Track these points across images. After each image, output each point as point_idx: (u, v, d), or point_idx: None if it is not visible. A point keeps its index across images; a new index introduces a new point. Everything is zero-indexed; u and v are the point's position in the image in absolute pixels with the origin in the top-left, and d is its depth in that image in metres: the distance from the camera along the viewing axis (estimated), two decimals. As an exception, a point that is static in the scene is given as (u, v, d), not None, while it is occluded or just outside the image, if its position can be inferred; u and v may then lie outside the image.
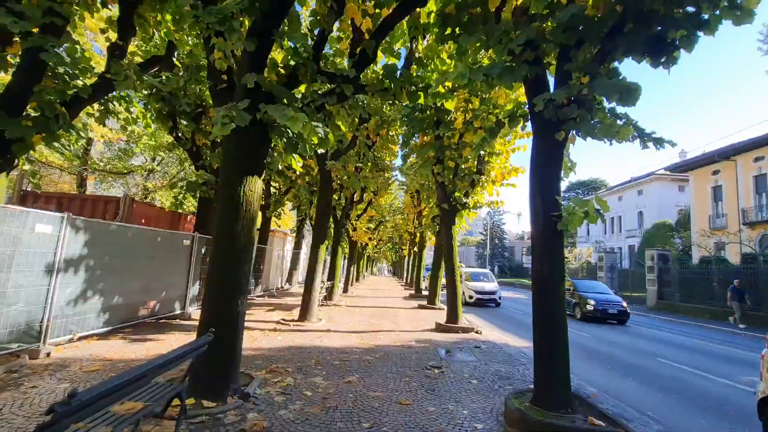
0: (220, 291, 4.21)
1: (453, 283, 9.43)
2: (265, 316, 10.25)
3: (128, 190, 28.27)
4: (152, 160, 28.30)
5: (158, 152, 25.41)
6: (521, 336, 9.84)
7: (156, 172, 28.32)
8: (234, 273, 4.23)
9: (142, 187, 28.25)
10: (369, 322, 10.18)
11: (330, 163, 9.18)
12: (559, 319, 3.89)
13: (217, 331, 4.12)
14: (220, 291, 4.21)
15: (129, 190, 28.26)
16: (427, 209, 19.73)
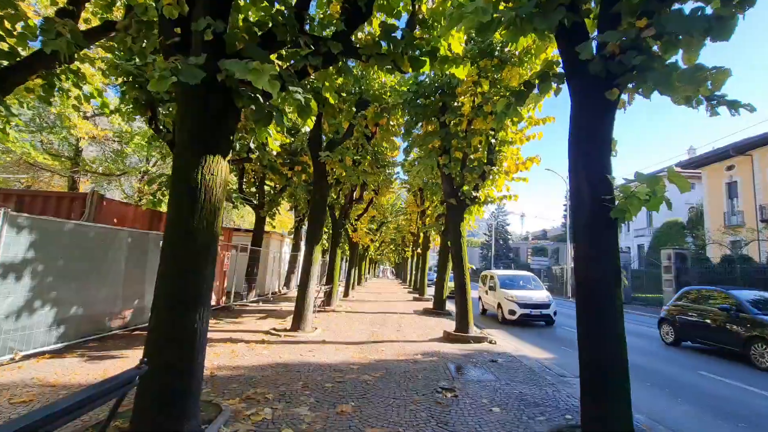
0: (172, 303, 3.26)
1: (462, 287, 8.45)
2: (255, 324, 9.30)
3: (122, 193, 27.52)
4: (146, 161, 27.55)
5: (151, 153, 24.65)
6: (539, 345, 8.83)
7: (151, 173, 27.56)
8: (189, 279, 3.29)
9: (137, 189, 27.51)
10: (369, 331, 9.21)
11: (324, 155, 8.25)
12: (617, 336, 2.93)
13: (167, 356, 3.19)
14: (172, 303, 3.26)
15: (123, 192, 27.52)
16: (431, 208, 18.78)
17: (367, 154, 10.18)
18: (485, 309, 14.57)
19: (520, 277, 14.10)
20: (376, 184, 16.77)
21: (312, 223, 8.97)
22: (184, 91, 3.37)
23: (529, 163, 8.29)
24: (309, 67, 3.90)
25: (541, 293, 12.65)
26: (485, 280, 14.85)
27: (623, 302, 3.10)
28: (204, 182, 3.35)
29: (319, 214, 8.95)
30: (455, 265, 8.60)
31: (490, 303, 13.70)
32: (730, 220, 28.15)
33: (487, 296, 14.20)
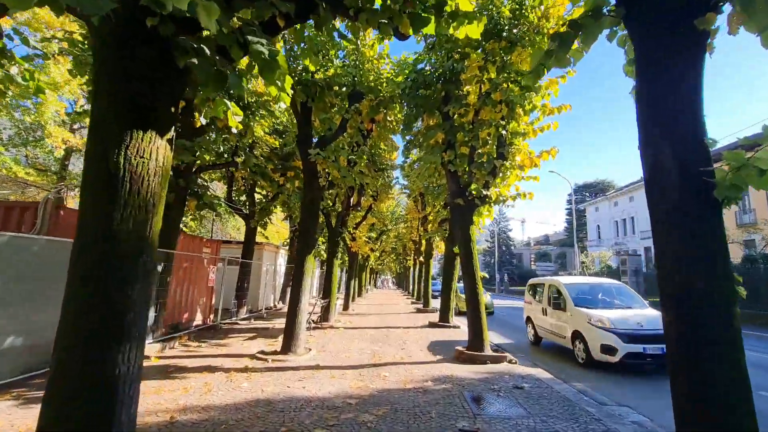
0: (80, 340, 2.27)
1: (475, 298, 7.44)
2: (241, 347, 8.25)
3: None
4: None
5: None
6: (567, 364, 7.79)
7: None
8: (109, 304, 2.31)
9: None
10: (371, 351, 8.17)
11: (314, 153, 7.31)
12: (739, 382, 1.93)
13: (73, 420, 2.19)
14: (80, 340, 2.27)
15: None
16: (432, 213, 17.82)
17: (363, 154, 9.26)
18: (539, 336, 9.75)
19: (604, 287, 8.93)
20: (375, 189, 15.87)
21: (303, 229, 8.00)
22: (98, 36, 2.44)
23: (545, 156, 7.36)
24: (279, 18, 2.98)
25: (649, 312, 7.65)
26: (539, 291, 9.91)
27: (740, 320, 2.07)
28: (129, 167, 2.39)
29: (310, 219, 7.99)
30: (465, 273, 7.61)
31: (553, 329, 8.73)
32: (741, 218, 27.21)
33: (544, 317, 9.25)
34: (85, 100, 14.18)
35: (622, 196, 51.65)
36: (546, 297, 9.29)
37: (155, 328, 7.67)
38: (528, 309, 10.45)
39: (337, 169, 7.75)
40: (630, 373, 6.87)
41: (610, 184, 64.46)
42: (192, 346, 8.26)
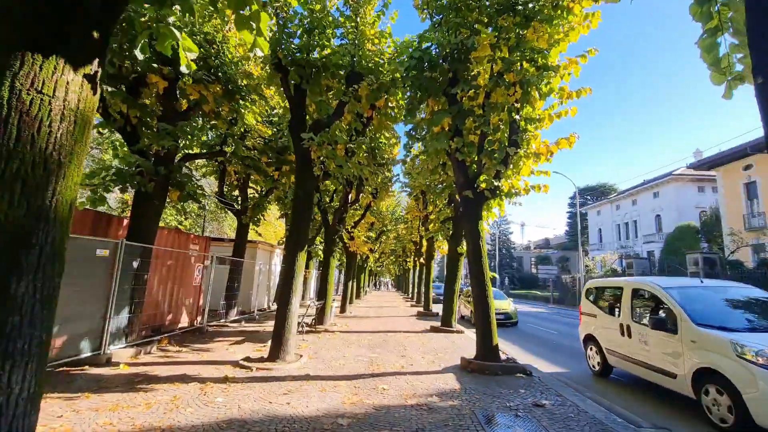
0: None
1: (484, 301, 6.69)
2: (225, 352, 7.49)
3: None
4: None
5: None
6: (585, 373, 7.04)
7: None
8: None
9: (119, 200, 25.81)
10: (368, 358, 7.41)
11: (306, 137, 6.57)
12: None
13: None
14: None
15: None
16: (434, 213, 17.09)
17: (363, 144, 8.53)
18: (608, 365, 6.70)
19: (734, 292, 5.90)
20: (375, 185, 15.14)
21: (294, 224, 7.25)
22: None
23: (563, 143, 6.63)
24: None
25: None
26: (609, 297, 6.95)
27: None
28: (18, 105, 1.65)
29: (302, 213, 7.24)
30: (473, 274, 6.86)
31: (645, 359, 5.74)
32: (750, 222, 26.51)
33: (624, 339, 6.21)
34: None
35: (625, 200, 51.02)
36: (628, 308, 6.21)
37: (129, 331, 6.91)
38: (589, 324, 7.26)
39: (333, 157, 7.01)
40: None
41: (612, 187, 63.86)
42: (171, 350, 7.50)
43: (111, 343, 6.45)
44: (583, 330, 7.57)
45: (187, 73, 7.49)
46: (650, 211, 45.88)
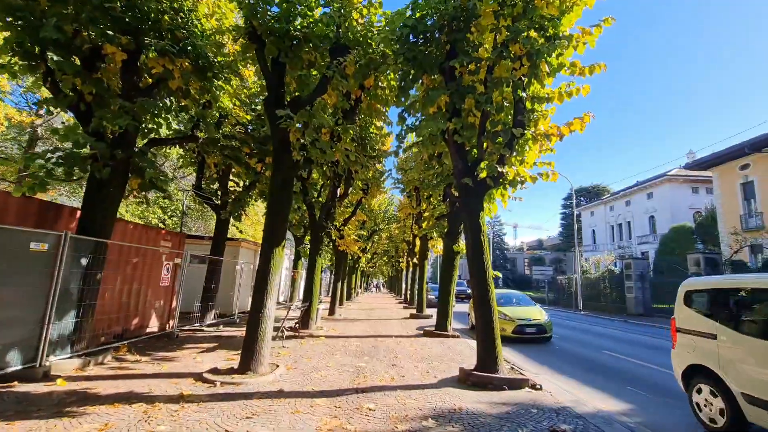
0: None
1: (486, 304, 5.86)
2: (192, 362, 6.57)
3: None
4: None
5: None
6: (599, 386, 6.25)
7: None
8: None
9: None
10: (354, 368, 6.54)
11: (282, 113, 5.69)
12: None
13: None
14: None
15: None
16: (428, 210, 16.30)
17: (349, 129, 7.68)
18: (742, 419, 3.92)
19: None
20: (365, 179, 14.30)
21: (271, 214, 6.37)
22: None
23: (576, 124, 5.84)
24: None
25: None
26: (738, 306, 4.38)
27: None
28: None
29: (280, 202, 6.37)
30: (474, 273, 6.03)
31: None
32: (747, 222, 26.15)
33: None
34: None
35: (619, 201, 50.81)
36: None
37: (75, 339, 5.95)
38: (696, 348, 4.58)
39: (313, 140, 6.14)
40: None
41: (605, 188, 63.81)
42: (129, 360, 6.56)
43: (52, 353, 5.50)
44: (682, 357, 4.75)
45: (150, 43, 6.61)
46: (644, 212, 45.66)
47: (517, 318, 10.52)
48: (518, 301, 12.33)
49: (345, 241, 16.10)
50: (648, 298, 21.72)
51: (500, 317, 9.35)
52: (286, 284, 22.55)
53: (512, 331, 10.22)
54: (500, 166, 5.87)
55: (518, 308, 11.33)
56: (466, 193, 6.19)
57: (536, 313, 10.96)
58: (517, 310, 11.06)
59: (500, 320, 9.00)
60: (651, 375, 7.06)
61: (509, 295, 12.86)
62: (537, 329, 10.38)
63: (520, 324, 10.33)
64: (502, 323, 9.69)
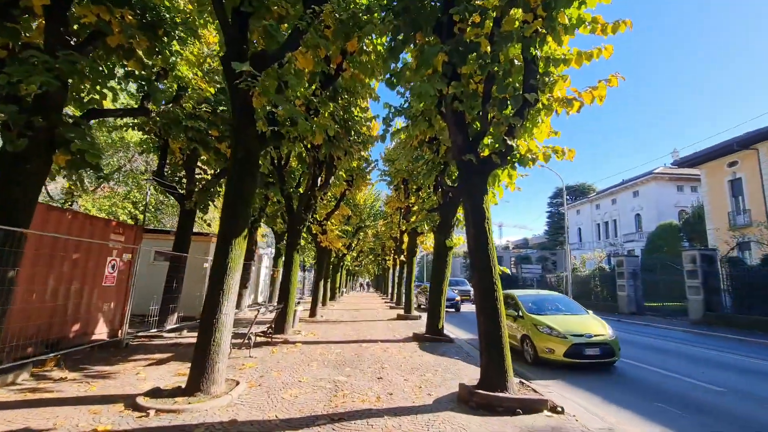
0: None
1: (491, 306, 4.82)
2: (132, 379, 5.34)
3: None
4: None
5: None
6: (633, 408, 5.29)
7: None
8: None
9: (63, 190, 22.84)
10: (332, 384, 5.43)
11: (240, 68, 4.52)
12: None
13: None
14: None
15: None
16: (417, 204, 15.27)
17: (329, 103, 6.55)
18: None
19: None
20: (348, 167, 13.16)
21: (230, 198, 5.20)
22: None
23: (601, 89, 4.84)
24: None
25: None
26: None
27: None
28: None
29: (241, 182, 5.20)
30: (477, 268, 4.98)
31: None
32: (735, 219, 26.06)
33: None
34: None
35: (605, 199, 50.92)
36: None
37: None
38: None
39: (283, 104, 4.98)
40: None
41: (590, 187, 64.07)
42: (52, 379, 5.29)
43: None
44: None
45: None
46: (630, 210, 45.78)
47: (571, 333, 7.14)
48: (563, 308, 8.70)
49: (328, 236, 14.94)
50: (640, 296, 21.22)
51: (543, 331, 7.38)
52: (265, 283, 21.23)
53: (565, 354, 6.96)
54: (509, 138, 4.83)
55: (567, 318, 7.95)
56: (468, 174, 5.13)
57: (595, 325, 7.58)
58: (567, 322, 7.63)
59: (543, 336, 7.27)
60: (674, 386, 6.17)
61: (547, 299, 9.18)
62: (602, 349, 7.03)
63: (576, 343, 6.98)
64: (547, 341, 7.22)
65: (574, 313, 8.51)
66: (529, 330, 7.74)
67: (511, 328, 8.24)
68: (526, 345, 7.80)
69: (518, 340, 8.06)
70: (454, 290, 21.15)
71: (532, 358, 7.54)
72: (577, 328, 7.39)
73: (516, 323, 8.28)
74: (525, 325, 7.95)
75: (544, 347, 7.26)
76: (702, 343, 10.88)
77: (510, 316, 8.28)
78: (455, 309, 19.69)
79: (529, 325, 7.80)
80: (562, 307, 8.79)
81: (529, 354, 7.69)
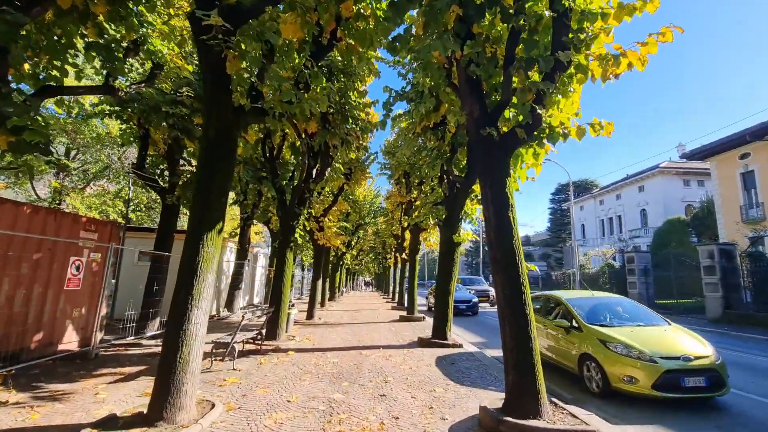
0: None
1: (520, 310, 3.95)
2: (87, 402, 4.48)
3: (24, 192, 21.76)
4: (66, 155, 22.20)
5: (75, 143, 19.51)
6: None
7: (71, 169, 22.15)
8: None
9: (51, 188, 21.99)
10: (326, 405, 4.56)
11: (207, 20, 3.64)
12: None
13: None
14: None
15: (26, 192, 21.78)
16: (420, 199, 14.40)
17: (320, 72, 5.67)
18: None
19: None
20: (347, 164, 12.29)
21: (202, 186, 4.32)
22: None
23: (651, 45, 3.96)
24: None
25: None
26: None
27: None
28: None
29: (211, 165, 4.33)
30: (500, 266, 4.10)
31: None
32: (747, 213, 25.17)
33: None
34: None
35: (609, 194, 49.97)
36: None
37: None
38: None
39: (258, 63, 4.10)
40: None
41: (593, 183, 63.08)
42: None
43: None
44: None
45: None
46: (635, 205, 44.83)
47: (660, 355, 5.03)
48: (631, 315, 6.49)
49: (325, 234, 14.08)
50: (652, 294, 20.36)
51: (617, 351, 5.24)
52: (261, 283, 20.37)
53: (654, 385, 4.84)
54: (539, 106, 3.95)
55: (645, 331, 5.76)
56: (487, 152, 4.25)
57: (690, 342, 5.49)
58: (647, 337, 5.52)
59: (617, 358, 5.16)
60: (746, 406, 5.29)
61: (606, 303, 6.85)
62: (707, 379, 4.92)
63: (671, 370, 4.88)
64: (624, 365, 5.09)
65: (651, 323, 6.18)
66: (593, 348, 5.56)
67: (560, 342, 6.40)
68: (589, 369, 5.60)
69: (573, 361, 5.95)
70: (470, 290, 19.43)
71: (599, 388, 5.36)
72: (665, 346, 5.24)
73: (569, 337, 6.13)
74: (585, 340, 5.78)
75: (621, 374, 5.09)
76: (742, 347, 10.00)
77: (557, 327, 6.49)
78: (472, 313, 16.98)
79: (592, 342, 5.63)
80: (630, 314, 6.52)
81: (594, 381, 5.48)
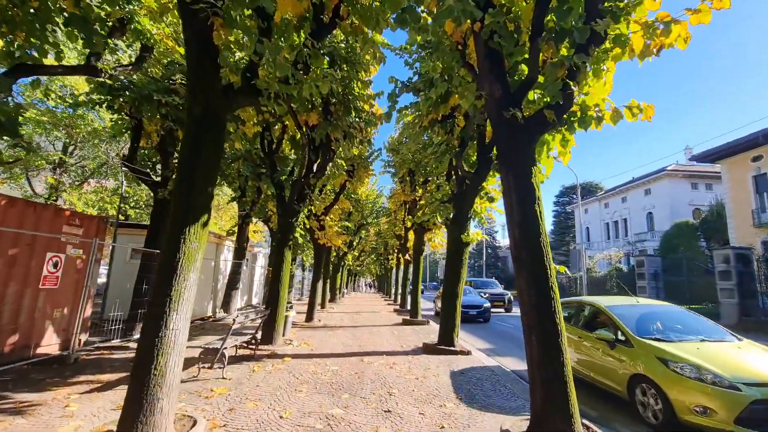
0: None
1: (551, 322, 3.40)
2: (53, 417, 3.95)
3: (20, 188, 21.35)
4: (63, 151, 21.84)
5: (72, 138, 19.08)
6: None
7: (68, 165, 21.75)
8: None
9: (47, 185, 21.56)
10: (324, 419, 4.03)
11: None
12: None
13: None
14: None
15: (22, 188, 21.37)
16: (424, 198, 13.87)
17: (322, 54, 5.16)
18: None
19: None
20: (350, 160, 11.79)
21: (184, 173, 3.81)
22: None
23: (705, 14, 3.41)
24: None
25: None
26: None
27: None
28: None
29: (197, 151, 3.81)
30: (524, 266, 3.55)
31: None
32: (760, 217, 24.52)
33: None
34: None
35: (614, 197, 49.24)
36: None
37: None
38: None
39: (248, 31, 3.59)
40: None
41: (597, 185, 62.38)
42: (-55, 414, 3.91)
43: None
44: None
45: None
46: (641, 208, 44.11)
47: (742, 381, 3.96)
48: (687, 328, 5.36)
49: (326, 233, 13.56)
50: (662, 298, 19.70)
51: (685, 374, 4.18)
52: (260, 283, 19.87)
53: (737, 418, 3.78)
54: (573, 83, 3.41)
55: (714, 348, 4.68)
56: (510, 137, 3.72)
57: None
58: (721, 356, 4.45)
59: (683, 381, 4.12)
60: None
61: (657, 313, 5.77)
62: None
63: (759, 399, 3.79)
64: (695, 392, 4.03)
65: (717, 337, 5.05)
66: (649, 368, 4.50)
67: (601, 358, 5.31)
68: (645, 393, 4.54)
69: (621, 383, 4.89)
70: (483, 293, 18.14)
71: (659, 418, 4.28)
72: (746, 369, 4.12)
73: (614, 353, 5.06)
74: (637, 358, 4.72)
75: (690, 403, 4.01)
76: None
77: (600, 340, 5.38)
78: (484, 320, 15.25)
79: (648, 360, 4.57)
80: (686, 326, 5.39)
81: (650, 409, 4.43)
